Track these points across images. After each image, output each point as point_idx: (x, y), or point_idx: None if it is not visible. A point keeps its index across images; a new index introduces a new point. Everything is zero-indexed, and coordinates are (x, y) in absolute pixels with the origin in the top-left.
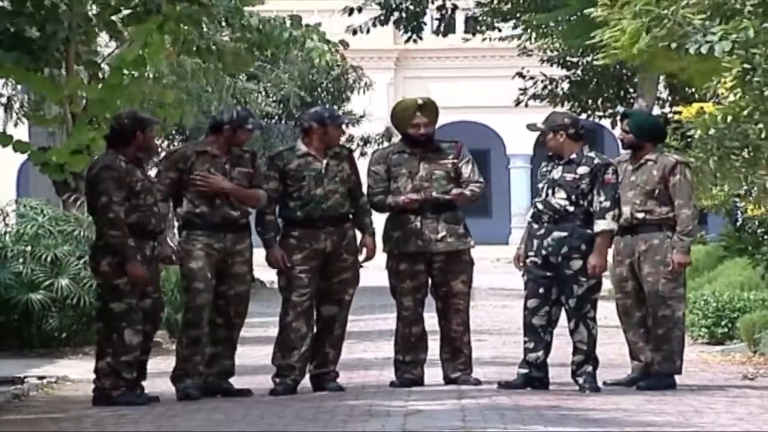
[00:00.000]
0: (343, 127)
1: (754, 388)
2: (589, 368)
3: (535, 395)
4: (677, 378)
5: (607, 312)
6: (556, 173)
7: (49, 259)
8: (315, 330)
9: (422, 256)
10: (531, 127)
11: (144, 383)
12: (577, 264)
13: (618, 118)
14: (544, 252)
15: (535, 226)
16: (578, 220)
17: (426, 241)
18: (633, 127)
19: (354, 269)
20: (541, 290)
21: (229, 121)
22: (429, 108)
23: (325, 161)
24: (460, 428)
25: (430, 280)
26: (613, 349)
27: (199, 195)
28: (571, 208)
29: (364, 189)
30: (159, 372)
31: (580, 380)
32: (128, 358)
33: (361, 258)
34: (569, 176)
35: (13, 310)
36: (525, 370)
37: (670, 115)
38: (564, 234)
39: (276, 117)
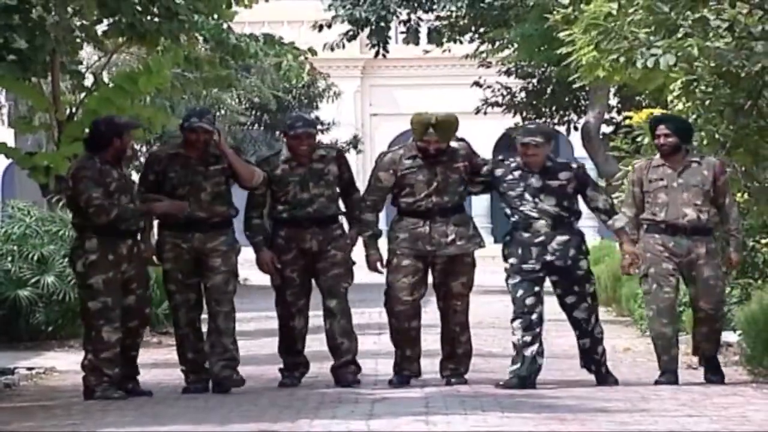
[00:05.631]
0: (303, 135)
1: (698, 377)
2: (605, 357)
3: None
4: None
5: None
6: (536, 181)
7: (36, 257)
8: (325, 325)
9: (426, 257)
10: (532, 141)
11: (125, 378)
12: (585, 264)
13: (650, 124)
14: (549, 258)
15: (527, 234)
16: (570, 223)
17: (436, 245)
18: (674, 129)
19: (346, 265)
20: (536, 288)
21: (182, 121)
22: (443, 126)
23: (308, 166)
24: (424, 413)
25: (430, 279)
26: (568, 341)
27: (170, 196)
28: (564, 213)
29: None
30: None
31: (604, 369)
32: (108, 355)
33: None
34: (554, 183)
35: (2, 306)
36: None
37: (621, 121)
38: (566, 237)
39: (248, 123)
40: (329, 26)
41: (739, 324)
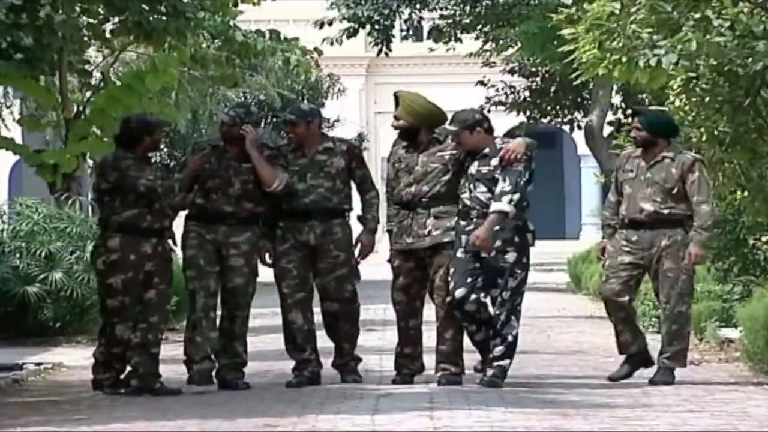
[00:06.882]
0: (288, 121)
1: (700, 373)
2: (506, 363)
3: None
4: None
5: (564, 303)
6: (473, 168)
7: (43, 254)
8: (324, 323)
9: (414, 252)
10: (444, 131)
11: (151, 377)
12: (512, 256)
13: (629, 116)
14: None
15: (463, 222)
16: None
17: (414, 237)
18: (646, 124)
19: (349, 265)
20: (468, 279)
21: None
22: (401, 102)
23: (310, 157)
24: (428, 408)
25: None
26: (571, 338)
27: (201, 186)
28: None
29: (378, 184)
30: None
31: (490, 372)
32: (119, 351)
33: (356, 252)
34: (485, 169)
35: (10, 302)
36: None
37: (623, 119)
38: (496, 227)
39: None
40: (330, 23)
41: (741, 321)
